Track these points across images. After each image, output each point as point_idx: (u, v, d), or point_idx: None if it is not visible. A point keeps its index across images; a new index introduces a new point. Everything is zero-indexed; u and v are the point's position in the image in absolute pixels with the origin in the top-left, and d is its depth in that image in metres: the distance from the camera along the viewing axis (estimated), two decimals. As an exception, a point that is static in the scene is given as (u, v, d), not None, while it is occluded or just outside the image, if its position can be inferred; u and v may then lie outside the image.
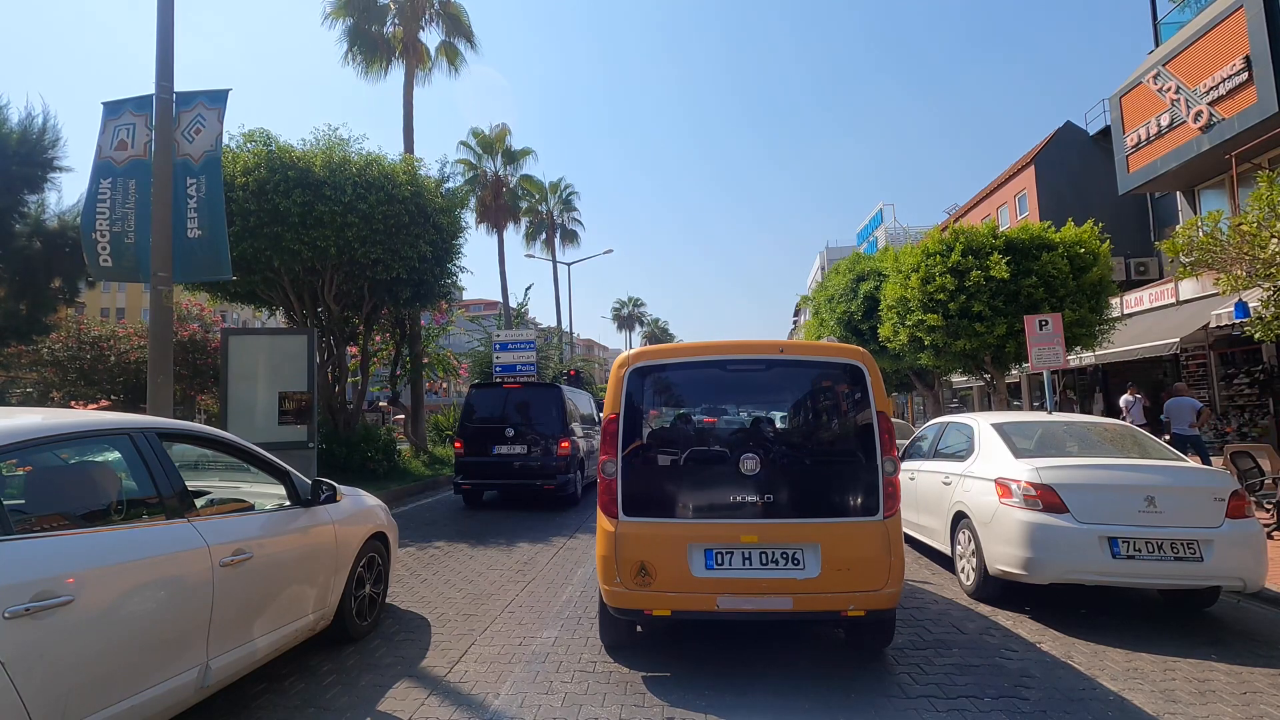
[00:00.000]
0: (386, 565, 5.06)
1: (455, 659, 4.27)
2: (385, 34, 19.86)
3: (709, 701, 3.59)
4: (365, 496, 5.08)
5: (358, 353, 15.63)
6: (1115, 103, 17.39)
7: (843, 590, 3.75)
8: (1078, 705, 3.54)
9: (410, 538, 8.25)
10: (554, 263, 39.97)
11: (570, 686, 3.82)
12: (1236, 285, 8.24)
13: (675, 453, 4.16)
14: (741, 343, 4.25)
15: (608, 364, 70.70)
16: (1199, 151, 14.23)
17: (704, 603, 3.79)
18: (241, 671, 3.36)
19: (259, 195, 11.05)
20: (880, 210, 42.73)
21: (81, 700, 2.40)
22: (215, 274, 8.26)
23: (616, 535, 3.90)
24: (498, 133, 33.09)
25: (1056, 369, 9.94)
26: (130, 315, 47.28)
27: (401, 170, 12.36)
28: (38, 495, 2.72)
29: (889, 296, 14.56)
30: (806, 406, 4.57)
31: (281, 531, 3.77)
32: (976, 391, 27.88)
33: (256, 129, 12.12)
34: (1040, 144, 24.71)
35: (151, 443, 3.10)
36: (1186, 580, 4.71)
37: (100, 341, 15.35)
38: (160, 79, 7.59)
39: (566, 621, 4.99)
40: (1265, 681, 3.89)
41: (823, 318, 21.70)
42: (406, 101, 19.09)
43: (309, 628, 3.97)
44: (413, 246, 12.20)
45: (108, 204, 7.94)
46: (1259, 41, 12.51)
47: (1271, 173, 7.80)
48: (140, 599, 2.71)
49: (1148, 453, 5.55)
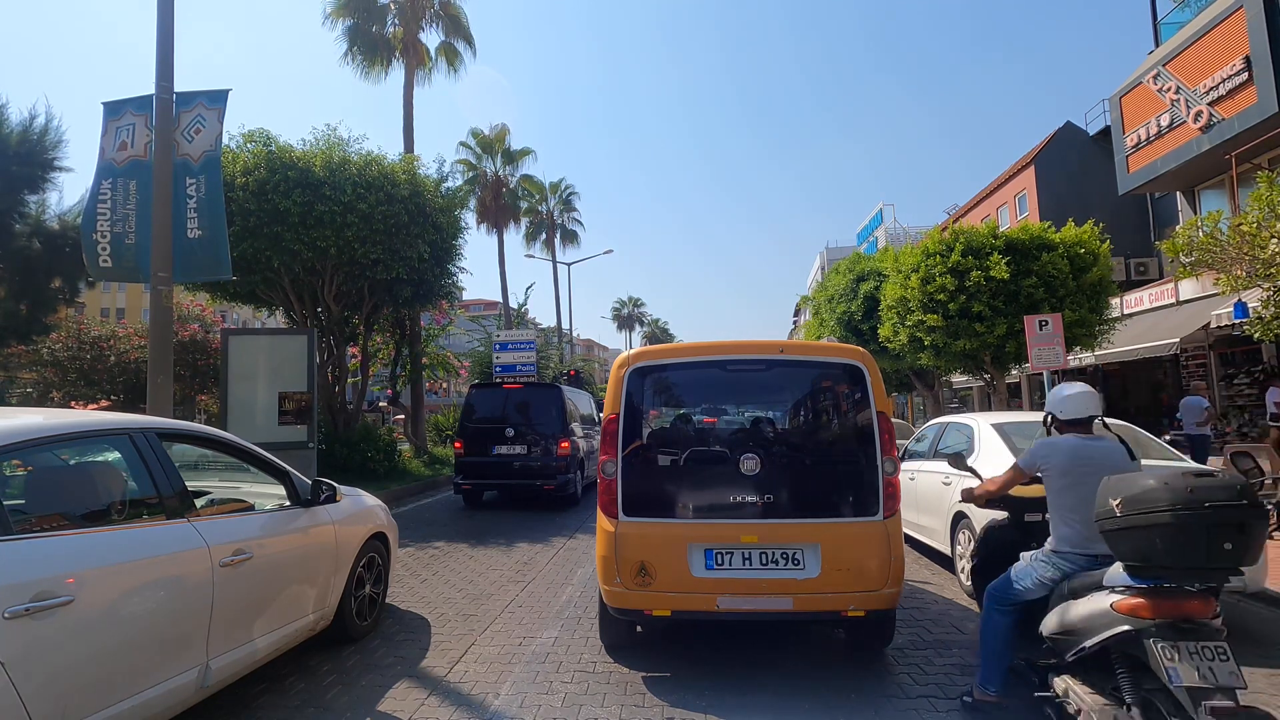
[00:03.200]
0: (386, 565, 5.06)
1: (455, 659, 4.27)
2: (385, 34, 19.86)
3: (709, 701, 3.59)
4: (365, 496, 5.08)
5: (358, 353, 15.63)
6: (1115, 103, 17.40)
7: (843, 590, 3.75)
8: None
9: (410, 538, 8.25)
10: (554, 263, 40.03)
11: (570, 686, 3.82)
12: (1236, 285, 8.25)
13: (675, 453, 4.16)
14: (741, 343, 4.25)
15: (608, 364, 70.71)
16: (1199, 151, 14.23)
17: (704, 603, 3.79)
18: (241, 672, 3.36)
19: (259, 195, 11.06)
20: (880, 210, 42.71)
21: (81, 700, 2.40)
22: (215, 274, 8.26)
23: (616, 535, 3.90)
24: (497, 133, 33.11)
25: (1056, 369, 9.95)
26: (130, 315, 47.28)
27: (401, 170, 12.36)
28: (38, 495, 2.72)
29: (889, 297, 14.56)
30: (806, 406, 4.57)
31: (281, 532, 3.78)
32: (976, 391, 27.87)
33: (256, 129, 12.14)
34: (1040, 144, 24.71)
35: (151, 443, 3.10)
36: (1186, 580, 4.67)
37: (100, 341, 15.34)
38: (160, 79, 7.58)
39: (566, 621, 4.99)
40: (1265, 681, 3.88)
41: (823, 318, 21.69)
42: (406, 102, 19.10)
43: (309, 628, 3.97)
44: (412, 246, 12.21)
45: (108, 204, 7.94)
46: (1259, 41, 12.51)
47: (1271, 173, 7.80)
48: (140, 599, 2.71)
49: (1147, 453, 5.55)
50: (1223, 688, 2.37)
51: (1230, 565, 2.46)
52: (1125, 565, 2.71)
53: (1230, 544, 2.40)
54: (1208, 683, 2.37)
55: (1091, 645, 2.78)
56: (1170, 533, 2.44)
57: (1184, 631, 2.52)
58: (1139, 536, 2.55)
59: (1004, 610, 3.38)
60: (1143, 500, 2.53)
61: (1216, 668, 2.42)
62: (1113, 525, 2.65)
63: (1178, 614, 2.54)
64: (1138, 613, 2.60)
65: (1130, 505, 2.57)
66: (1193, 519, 2.40)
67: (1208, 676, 2.39)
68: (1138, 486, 2.58)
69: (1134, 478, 2.67)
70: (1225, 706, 2.33)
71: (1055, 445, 3.38)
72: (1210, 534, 2.40)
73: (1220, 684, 2.37)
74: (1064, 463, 3.27)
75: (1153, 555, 2.53)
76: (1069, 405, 3.47)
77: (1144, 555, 2.57)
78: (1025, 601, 3.31)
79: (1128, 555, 2.66)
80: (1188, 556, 2.45)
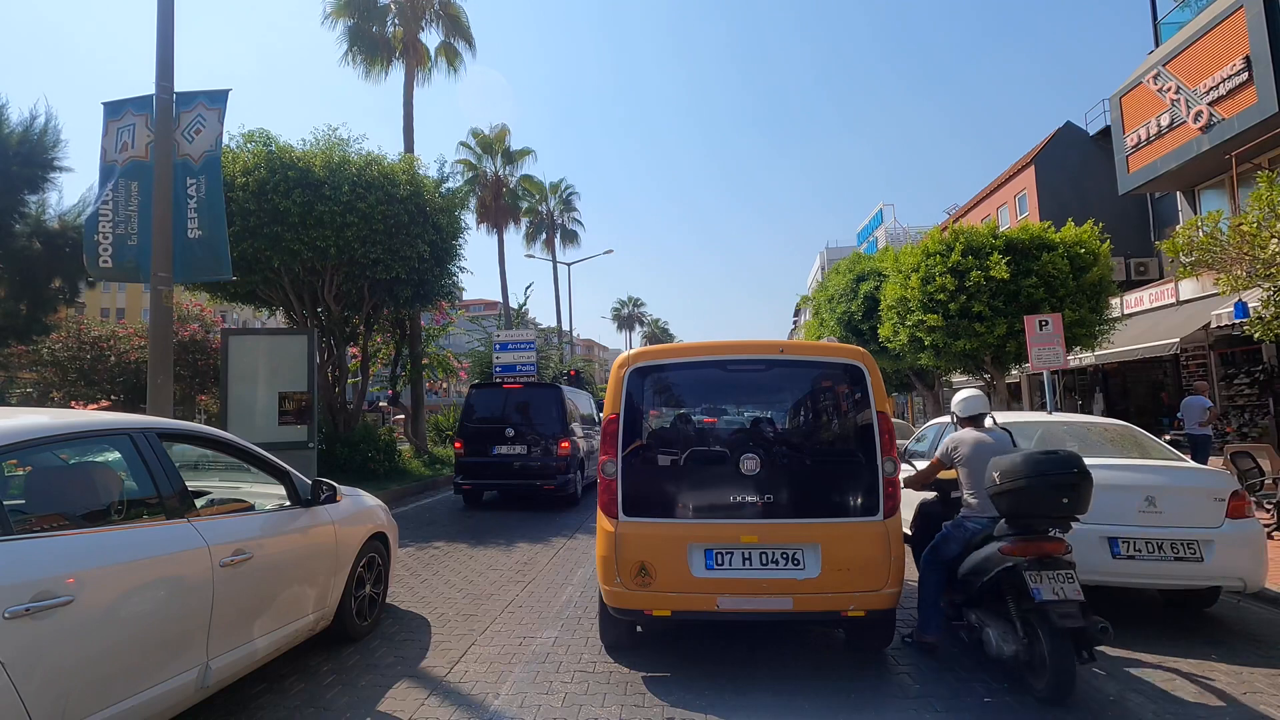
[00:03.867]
0: (386, 565, 5.06)
1: (455, 659, 4.27)
2: (385, 34, 19.85)
3: (709, 701, 3.59)
4: (365, 496, 5.08)
5: (358, 353, 15.62)
6: (1115, 103, 17.39)
7: (843, 590, 3.75)
8: (1077, 705, 3.54)
9: (410, 538, 8.25)
10: (554, 263, 40.02)
11: (570, 686, 3.82)
12: (1236, 285, 8.24)
13: (675, 453, 4.16)
14: (741, 343, 4.25)
15: (608, 364, 70.70)
16: (1199, 151, 14.22)
17: (704, 603, 3.79)
18: (241, 672, 3.36)
19: (259, 195, 11.05)
20: (880, 210, 42.75)
21: (81, 700, 2.40)
22: (215, 274, 8.26)
23: (616, 535, 3.90)
24: (497, 133, 33.11)
25: (1056, 369, 9.94)
26: (130, 315, 47.28)
27: (401, 170, 12.36)
28: (38, 495, 2.72)
29: (889, 296, 14.56)
30: (806, 406, 4.57)
31: (281, 532, 3.78)
32: (976, 391, 27.81)
33: (256, 129, 12.14)
34: (1040, 144, 24.71)
35: (152, 443, 3.10)
36: (1186, 580, 4.70)
37: (100, 342, 15.34)
38: (160, 79, 7.59)
39: (566, 621, 4.99)
40: (1265, 681, 3.89)
41: (823, 318, 21.70)
42: (406, 102, 19.09)
43: (309, 628, 3.97)
44: (412, 246, 12.20)
45: (111, 205, 7.94)
46: (1259, 41, 12.50)
47: (1271, 173, 7.80)
48: (140, 599, 2.71)
49: (1148, 453, 5.55)
50: (1069, 599, 3.48)
51: (1069, 514, 3.62)
52: (1005, 519, 3.84)
53: (1066, 499, 3.56)
54: (1059, 596, 3.49)
55: (988, 579, 3.86)
56: (1027, 493, 3.59)
57: (1045, 564, 3.60)
58: (1010, 497, 3.68)
59: (935, 568, 4.29)
60: (1011, 472, 3.64)
61: (1065, 587, 3.52)
62: (994, 490, 3.76)
63: (1040, 552, 3.63)
64: (1015, 553, 3.68)
65: (1004, 476, 3.68)
66: (1040, 483, 3.54)
67: (1059, 592, 3.50)
68: (1008, 462, 3.70)
69: (1008, 457, 3.78)
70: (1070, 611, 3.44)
71: (961, 439, 4.41)
72: (1052, 493, 3.55)
73: (1067, 597, 3.48)
74: (968, 451, 4.31)
75: (1018, 509, 3.70)
76: (966, 407, 4.59)
77: (1014, 510, 3.74)
78: (949, 559, 4.23)
79: (1005, 511, 3.81)
80: (1039, 508, 3.63)
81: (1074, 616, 3.42)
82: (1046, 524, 3.67)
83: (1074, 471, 3.52)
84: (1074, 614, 3.43)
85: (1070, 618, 3.42)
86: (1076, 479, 3.52)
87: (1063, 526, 3.70)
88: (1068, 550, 3.69)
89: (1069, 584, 3.52)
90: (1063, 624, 3.41)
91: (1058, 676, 3.43)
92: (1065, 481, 3.53)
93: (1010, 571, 3.68)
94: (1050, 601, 3.47)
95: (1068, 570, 3.58)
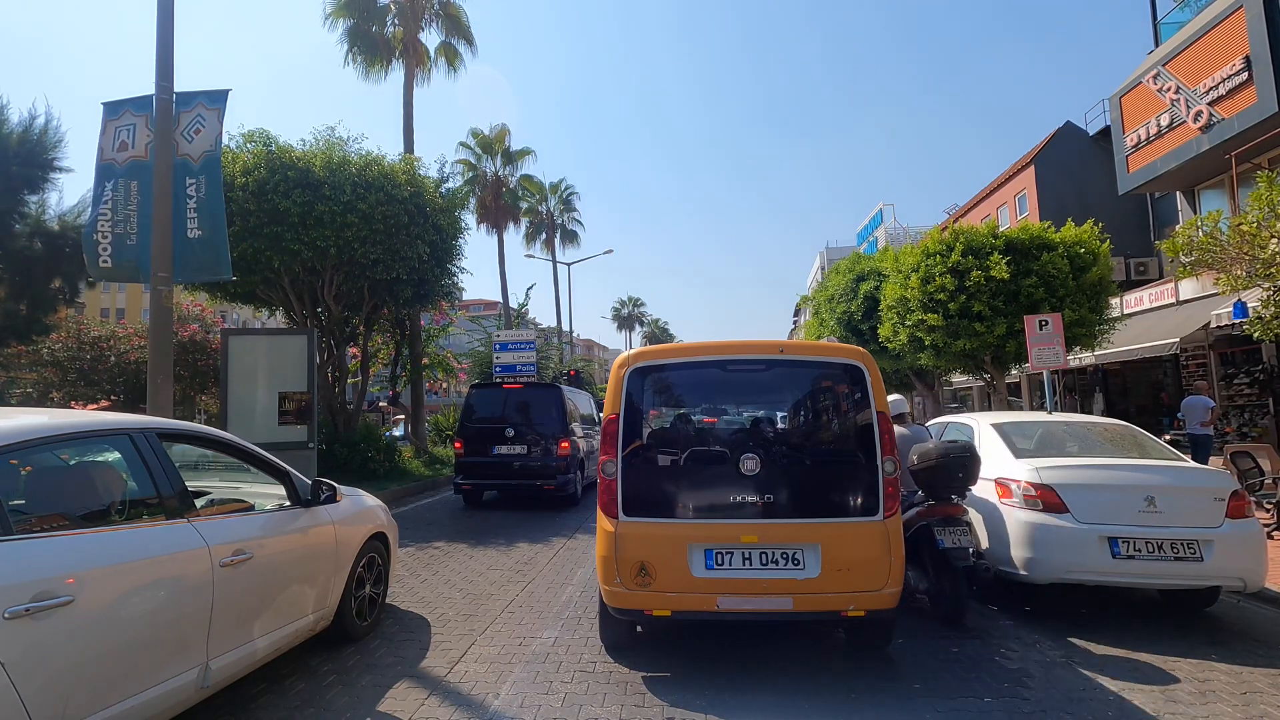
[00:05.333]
0: (386, 565, 5.06)
1: (455, 659, 4.27)
2: (385, 35, 19.85)
3: (709, 701, 3.59)
4: (365, 497, 5.07)
5: (358, 353, 15.62)
6: (1115, 103, 17.39)
7: (843, 590, 3.75)
8: (1077, 705, 3.54)
9: (410, 538, 8.25)
10: (554, 263, 40.01)
11: (570, 686, 3.82)
12: (1236, 285, 8.24)
13: (675, 453, 4.16)
14: (741, 343, 4.25)
15: (608, 364, 70.69)
16: (1199, 151, 14.22)
17: (704, 603, 3.79)
18: (241, 672, 3.36)
19: (259, 195, 11.05)
20: (880, 210, 42.78)
21: (81, 700, 2.40)
22: (215, 274, 8.26)
23: (616, 535, 3.90)
24: (497, 133, 33.08)
25: (1056, 369, 9.94)
26: (130, 315, 47.27)
27: (401, 170, 12.36)
28: (38, 495, 2.72)
29: (889, 296, 14.56)
30: (806, 407, 4.57)
31: (281, 532, 3.77)
32: (976, 391, 27.88)
33: (256, 129, 12.15)
34: (1040, 144, 24.71)
35: (151, 443, 3.10)
36: (1186, 580, 4.71)
37: (100, 342, 15.32)
38: (160, 79, 7.58)
39: (566, 621, 4.99)
40: (1265, 681, 3.89)
41: (823, 318, 21.70)
42: (406, 102, 19.09)
43: (309, 628, 3.97)
44: (412, 247, 12.21)
45: (110, 206, 7.94)
46: (1259, 41, 12.51)
47: (1271, 173, 7.80)
48: (140, 599, 2.71)
49: (1148, 453, 5.55)
50: (962, 547, 4.73)
51: (964, 486, 5.00)
52: (921, 491, 5.17)
53: (962, 474, 4.92)
54: (956, 544, 4.76)
55: (909, 534, 4.75)
56: (937, 471, 4.93)
57: (948, 522, 4.88)
58: (924, 474, 5.01)
59: None
60: (925, 455, 4.99)
61: (962, 538, 4.78)
62: (913, 469, 5.06)
63: (945, 514, 4.92)
64: (927, 515, 4.99)
65: (920, 459, 5.01)
66: (945, 462, 4.89)
67: (958, 542, 4.77)
68: (924, 449, 5.04)
69: (924, 445, 5.10)
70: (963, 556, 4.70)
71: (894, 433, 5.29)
72: (953, 470, 4.89)
73: (962, 545, 4.75)
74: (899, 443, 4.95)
75: (930, 483, 5.02)
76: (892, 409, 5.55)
77: (927, 484, 5.05)
78: None
79: (921, 485, 5.12)
80: (943, 482, 4.95)
81: (966, 559, 4.67)
82: (949, 493, 4.98)
83: (968, 455, 4.91)
84: (966, 558, 4.67)
85: (963, 560, 4.67)
86: (969, 461, 4.90)
87: (960, 494, 5.03)
88: (964, 513, 4.96)
89: (965, 537, 4.79)
90: (958, 564, 4.66)
91: (954, 603, 4.72)
92: (963, 464, 4.87)
93: (924, 529, 4.93)
94: (950, 549, 4.72)
95: (964, 527, 4.84)
